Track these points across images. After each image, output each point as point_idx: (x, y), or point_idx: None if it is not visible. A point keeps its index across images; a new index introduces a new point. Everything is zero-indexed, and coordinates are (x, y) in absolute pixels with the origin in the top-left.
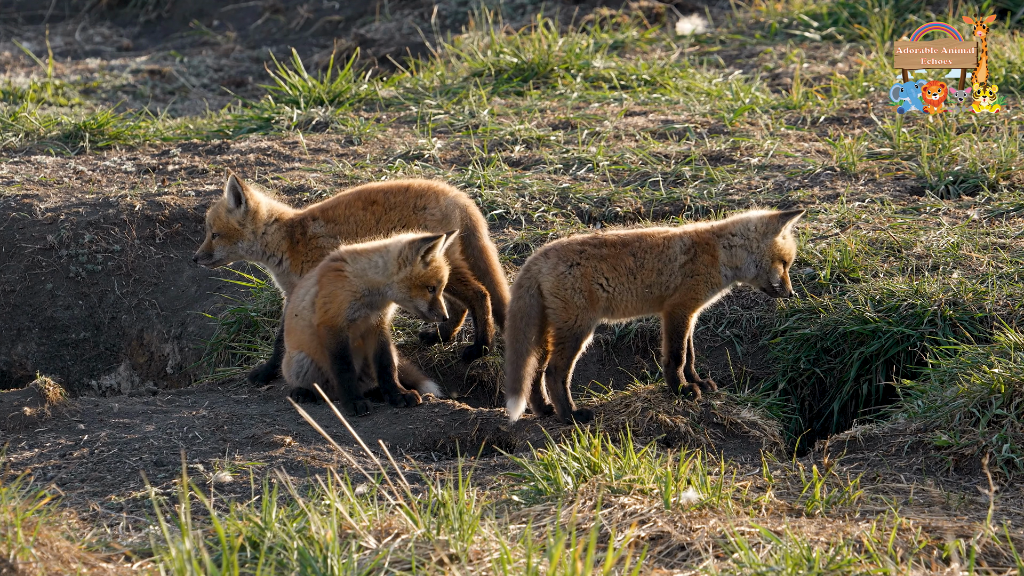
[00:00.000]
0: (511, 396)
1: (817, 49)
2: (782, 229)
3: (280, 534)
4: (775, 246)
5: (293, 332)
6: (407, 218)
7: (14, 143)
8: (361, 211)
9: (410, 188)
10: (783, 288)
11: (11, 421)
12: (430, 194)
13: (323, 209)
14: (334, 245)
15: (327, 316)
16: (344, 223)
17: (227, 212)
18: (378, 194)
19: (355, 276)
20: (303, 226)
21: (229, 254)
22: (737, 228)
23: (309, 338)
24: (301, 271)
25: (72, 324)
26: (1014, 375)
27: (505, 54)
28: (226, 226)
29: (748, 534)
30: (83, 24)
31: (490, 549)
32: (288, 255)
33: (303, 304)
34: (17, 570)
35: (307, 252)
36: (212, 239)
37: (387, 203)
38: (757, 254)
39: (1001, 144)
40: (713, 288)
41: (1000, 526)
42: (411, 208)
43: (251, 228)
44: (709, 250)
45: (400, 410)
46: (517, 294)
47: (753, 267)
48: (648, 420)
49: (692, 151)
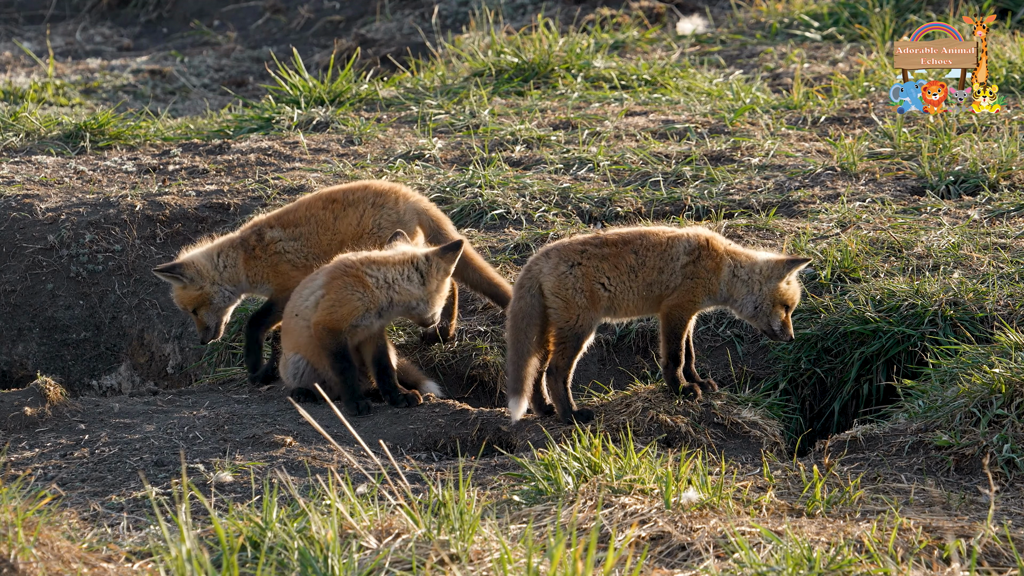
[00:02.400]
0: (513, 396)
1: (818, 49)
2: (787, 275)
3: (280, 534)
4: (778, 291)
5: (291, 333)
6: (364, 213)
7: (15, 143)
8: (321, 210)
9: (370, 187)
10: (783, 332)
11: (12, 421)
12: (390, 194)
13: (279, 216)
14: (295, 248)
15: (331, 318)
16: (305, 224)
17: (183, 290)
18: (338, 193)
19: (378, 287)
20: (259, 235)
21: (218, 313)
22: (746, 264)
23: (307, 340)
24: (265, 278)
25: (73, 324)
26: (1015, 375)
27: (506, 54)
28: (195, 299)
29: (749, 534)
30: (84, 24)
31: (491, 549)
32: (244, 270)
33: (306, 304)
34: (18, 570)
35: (267, 258)
36: (196, 316)
37: (346, 200)
38: (758, 296)
39: (1002, 144)
40: (710, 295)
41: (1001, 526)
42: (369, 204)
43: (208, 282)
44: (715, 258)
45: (400, 410)
46: (518, 294)
47: (751, 307)
48: (649, 420)
49: (693, 151)
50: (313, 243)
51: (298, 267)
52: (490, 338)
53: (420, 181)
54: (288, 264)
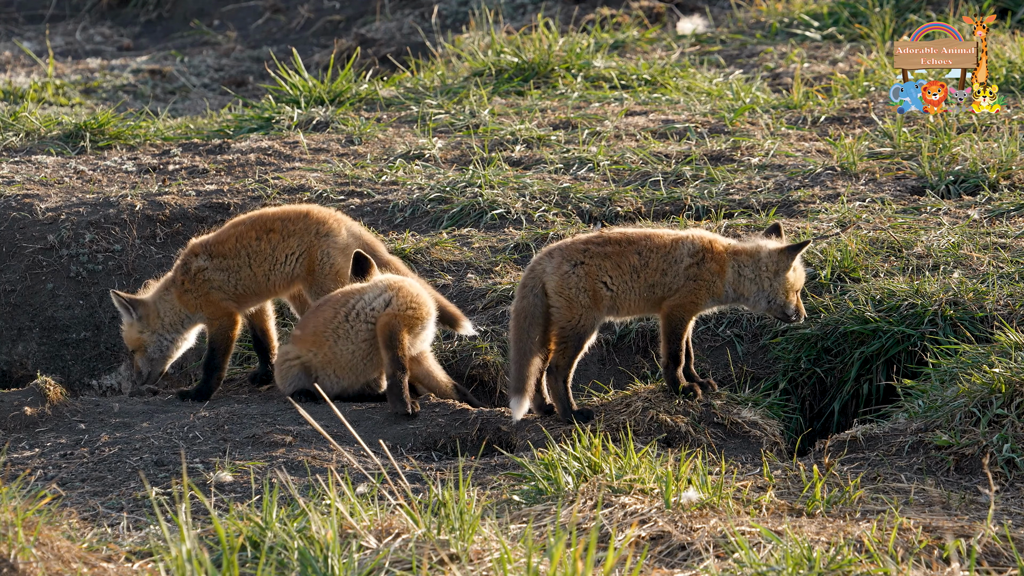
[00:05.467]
0: (515, 396)
1: (818, 49)
2: (792, 263)
3: (281, 534)
4: (787, 281)
5: (336, 338)
6: (308, 244)
7: (15, 143)
8: (255, 240)
9: (310, 215)
10: (797, 315)
11: (12, 421)
12: (331, 222)
13: (206, 243)
14: (223, 278)
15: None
16: (234, 256)
17: (130, 328)
18: (275, 222)
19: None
20: (185, 267)
21: (151, 363)
22: (750, 261)
23: (357, 347)
24: (198, 308)
25: (73, 324)
26: (1015, 375)
27: (506, 54)
28: (134, 341)
29: (749, 534)
30: (84, 24)
31: (490, 549)
32: (181, 305)
33: (373, 307)
34: (18, 570)
35: (195, 288)
36: (132, 358)
37: (285, 231)
38: (770, 292)
39: (1001, 144)
40: (714, 297)
41: (1001, 526)
42: (313, 234)
43: (149, 331)
44: (719, 260)
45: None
46: (521, 294)
47: (764, 302)
48: (649, 420)
49: (693, 151)
50: (245, 275)
51: (229, 296)
52: (490, 338)
53: (420, 181)
54: (219, 293)
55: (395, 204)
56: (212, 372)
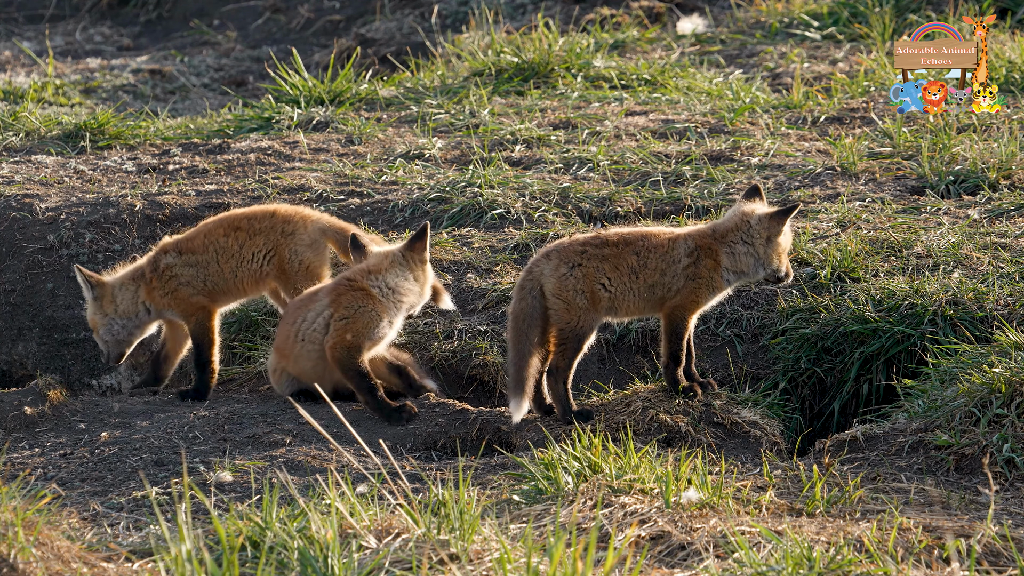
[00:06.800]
0: (514, 397)
1: (818, 49)
2: (782, 228)
3: (281, 534)
4: (779, 246)
5: (296, 359)
6: (275, 242)
7: (15, 143)
8: (223, 237)
9: (277, 214)
10: (787, 276)
11: (12, 420)
12: (297, 219)
13: (177, 242)
14: (191, 273)
15: (347, 336)
16: (203, 252)
17: (89, 307)
18: (241, 220)
19: (383, 296)
20: (154, 264)
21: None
22: (739, 234)
23: (314, 364)
24: (166, 305)
25: (72, 324)
26: (1015, 375)
27: (505, 54)
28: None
29: (748, 534)
30: (83, 24)
31: (490, 549)
32: (146, 299)
33: (314, 328)
34: (18, 570)
35: (162, 285)
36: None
37: (251, 228)
38: (764, 258)
39: (1001, 144)
40: (714, 291)
41: (1001, 526)
42: (279, 233)
43: (101, 313)
44: (712, 254)
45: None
46: (519, 295)
47: (761, 270)
48: (648, 420)
49: (693, 151)
50: (213, 271)
51: (199, 292)
52: (490, 337)
53: (420, 181)
54: (188, 289)
55: (395, 204)
56: (204, 368)
